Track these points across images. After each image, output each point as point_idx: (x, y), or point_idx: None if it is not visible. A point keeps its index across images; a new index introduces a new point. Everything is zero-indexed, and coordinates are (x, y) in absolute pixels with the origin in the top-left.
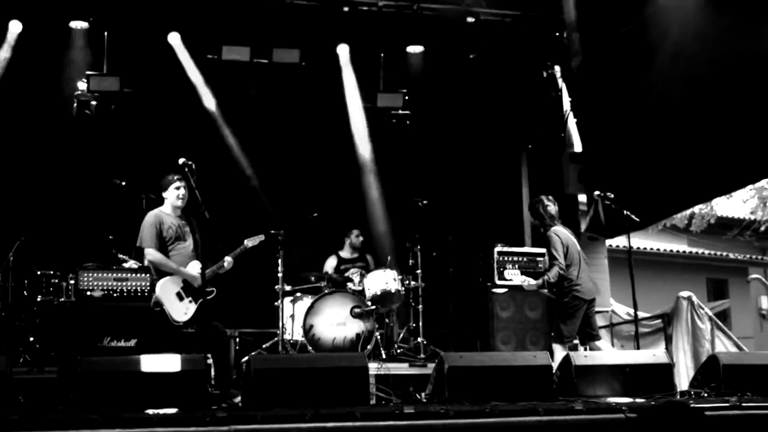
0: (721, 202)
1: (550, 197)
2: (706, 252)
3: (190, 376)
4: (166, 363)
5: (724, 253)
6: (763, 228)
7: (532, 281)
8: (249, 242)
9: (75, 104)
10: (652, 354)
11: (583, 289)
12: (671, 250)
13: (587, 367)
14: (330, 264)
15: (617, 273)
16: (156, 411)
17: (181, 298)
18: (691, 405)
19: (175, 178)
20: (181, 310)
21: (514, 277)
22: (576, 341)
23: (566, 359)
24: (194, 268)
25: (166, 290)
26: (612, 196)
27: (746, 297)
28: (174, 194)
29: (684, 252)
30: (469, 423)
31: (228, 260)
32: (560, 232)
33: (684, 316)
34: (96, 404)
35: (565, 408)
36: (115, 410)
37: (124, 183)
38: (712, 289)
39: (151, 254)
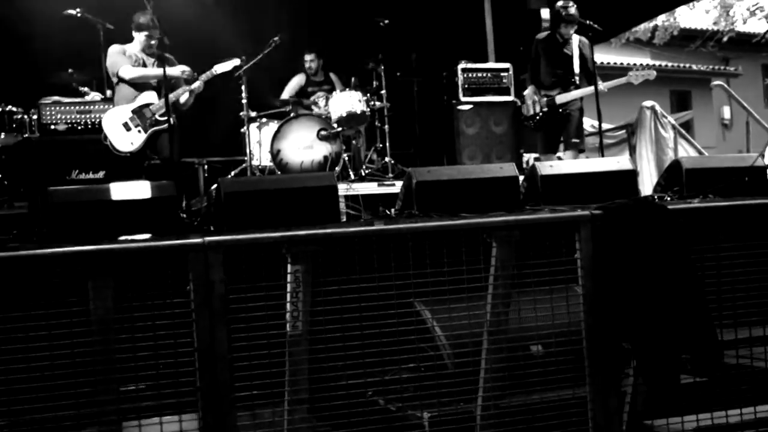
0: (683, 13)
1: None
2: (669, 64)
3: (161, 202)
4: (137, 190)
5: (687, 65)
6: (725, 38)
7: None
8: (218, 67)
9: None
10: (616, 161)
11: None
12: (634, 64)
13: (553, 176)
14: (297, 81)
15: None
16: (129, 237)
17: (128, 128)
18: (655, 201)
19: (150, 25)
20: (127, 140)
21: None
22: None
23: (532, 169)
24: (146, 98)
25: (111, 121)
26: (574, 5)
27: (709, 108)
28: (144, 41)
29: (647, 65)
30: (439, 225)
31: (189, 87)
32: None
33: (647, 125)
34: (69, 235)
35: (532, 214)
36: (88, 240)
37: (78, 13)
38: (675, 101)
39: (127, 71)
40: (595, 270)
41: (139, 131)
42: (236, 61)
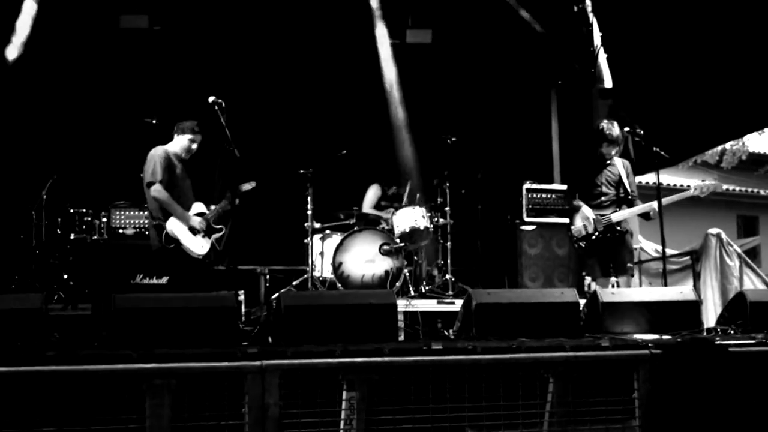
0: (752, 138)
1: None
2: (737, 188)
3: (221, 312)
4: (198, 300)
5: (756, 190)
6: None
7: None
8: (245, 186)
9: None
10: (680, 291)
11: None
12: None
13: (614, 303)
14: (374, 192)
15: None
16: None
17: (194, 233)
18: (716, 341)
19: (195, 130)
20: (198, 244)
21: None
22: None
23: (594, 296)
24: (197, 208)
25: (177, 227)
26: (641, 132)
27: None
28: (186, 144)
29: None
30: (496, 359)
31: (218, 206)
32: None
33: (713, 253)
34: (129, 341)
35: (591, 344)
36: (148, 346)
37: (155, 121)
38: (742, 226)
39: (159, 191)
40: (653, 409)
41: (203, 236)
42: (253, 183)
